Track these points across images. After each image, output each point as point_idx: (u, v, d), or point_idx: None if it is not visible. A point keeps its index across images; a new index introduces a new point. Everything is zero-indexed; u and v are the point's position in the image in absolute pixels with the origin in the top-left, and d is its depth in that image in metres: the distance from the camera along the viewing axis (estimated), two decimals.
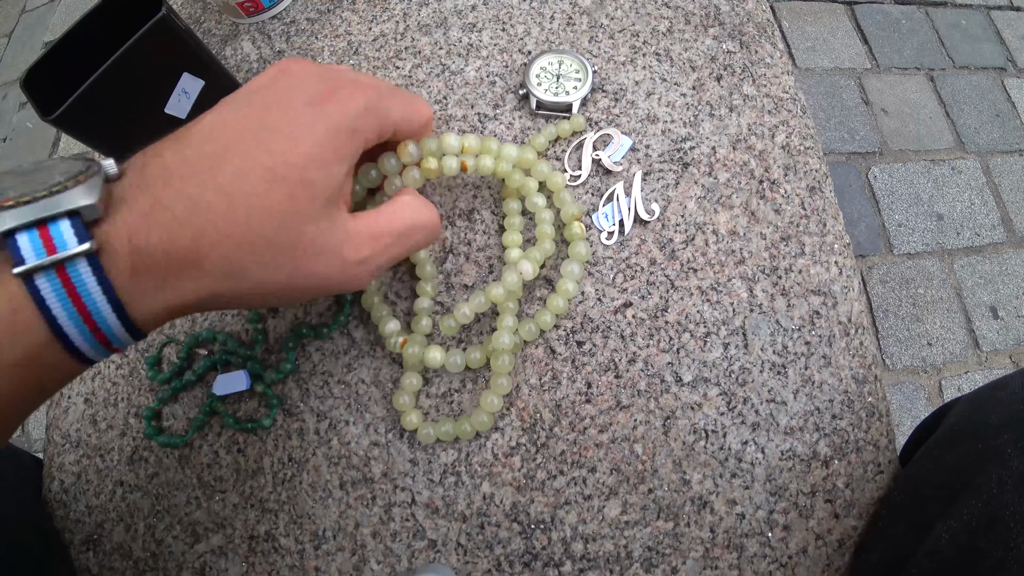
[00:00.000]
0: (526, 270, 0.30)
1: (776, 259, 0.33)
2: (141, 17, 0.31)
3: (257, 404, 0.32)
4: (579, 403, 0.31)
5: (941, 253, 1.07)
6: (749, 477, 0.30)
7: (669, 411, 0.31)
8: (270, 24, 0.43)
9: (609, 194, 0.33)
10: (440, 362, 0.30)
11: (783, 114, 0.36)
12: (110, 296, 0.19)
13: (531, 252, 0.31)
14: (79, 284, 0.19)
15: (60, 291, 0.19)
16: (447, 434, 0.30)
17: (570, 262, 0.31)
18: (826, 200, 0.35)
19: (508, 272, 0.30)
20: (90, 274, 0.19)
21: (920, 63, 1.28)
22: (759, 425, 0.31)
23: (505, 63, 0.38)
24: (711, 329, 0.32)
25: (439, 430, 0.30)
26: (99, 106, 0.31)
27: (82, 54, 0.32)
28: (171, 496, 0.32)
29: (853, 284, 0.33)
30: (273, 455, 0.31)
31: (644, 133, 0.35)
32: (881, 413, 0.32)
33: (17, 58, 1.50)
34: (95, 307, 0.19)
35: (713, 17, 0.39)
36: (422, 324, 0.31)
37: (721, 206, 0.34)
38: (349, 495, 0.30)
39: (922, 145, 1.17)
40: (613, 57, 0.38)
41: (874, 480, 0.31)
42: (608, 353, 0.31)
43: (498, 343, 0.29)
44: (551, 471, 0.30)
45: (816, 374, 0.32)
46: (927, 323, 1.01)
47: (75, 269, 0.19)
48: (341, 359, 0.32)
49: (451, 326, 0.30)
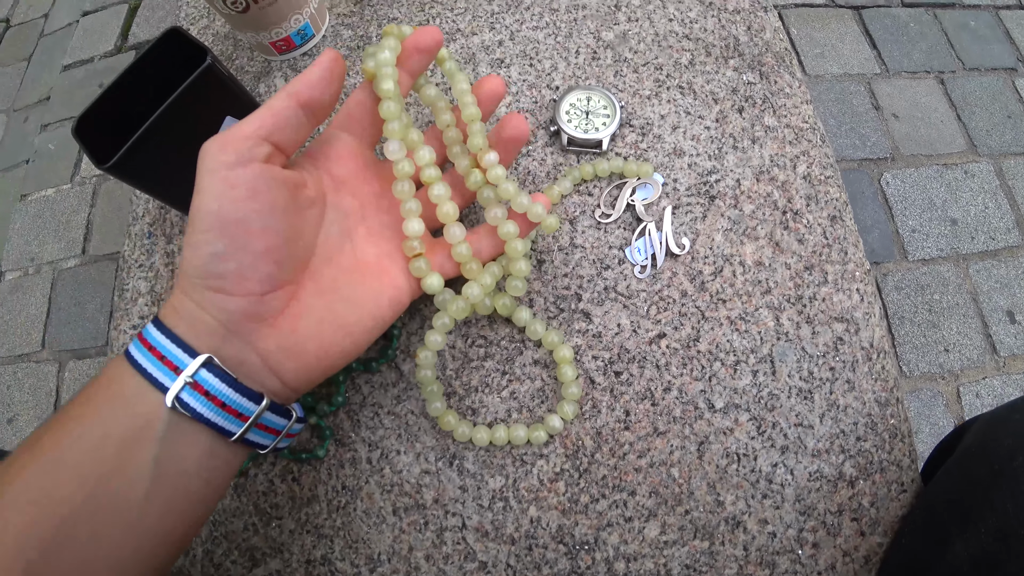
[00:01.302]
0: (474, 294, 0.30)
1: (800, 288, 0.34)
2: (182, 61, 0.33)
3: (310, 435, 0.34)
4: (618, 430, 0.32)
5: (956, 258, 1.07)
6: (779, 498, 0.32)
7: (703, 436, 0.32)
8: (301, 61, 0.45)
9: (641, 229, 0.35)
10: (460, 429, 0.32)
11: (803, 144, 0.38)
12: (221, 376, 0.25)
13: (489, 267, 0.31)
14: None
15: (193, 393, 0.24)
16: (519, 439, 0.31)
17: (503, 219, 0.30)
18: (847, 228, 0.36)
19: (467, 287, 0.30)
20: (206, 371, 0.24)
21: (930, 66, 1.28)
22: (788, 448, 0.32)
23: (534, 99, 0.40)
24: (740, 357, 0.33)
25: (512, 434, 0.31)
26: (148, 152, 0.32)
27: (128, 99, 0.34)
28: (228, 523, 0.34)
29: (874, 310, 0.35)
30: (327, 483, 0.33)
31: (671, 167, 0.37)
32: (903, 434, 0.33)
33: (37, 81, 1.53)
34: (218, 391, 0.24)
35: (732, 48, 0.41)
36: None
37: (747, 238, 0.35)
38: (402, 520, 0.32)
39: (934, 149, 1.18)
40: (638, 91, 0.39)
41: (898, 499, 0.32)
42: (644, 382, 0.33)
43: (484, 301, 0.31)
44: (594, 495, 0.31)
45: (841, 398, 0.33)
46: (943, 329, 1.02)
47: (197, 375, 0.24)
48: (390, 391, 0.34)
49: (427, 358, 0.31)
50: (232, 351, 0.25)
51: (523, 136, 0.31)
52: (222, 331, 0.24)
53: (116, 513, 0.22)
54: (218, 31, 0.48)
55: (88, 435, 0.23)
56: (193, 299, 0.24)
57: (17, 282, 1.30)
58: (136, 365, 0.24)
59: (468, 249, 0.30)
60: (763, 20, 0.42)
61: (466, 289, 0.30)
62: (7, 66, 1.60)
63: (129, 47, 1.49)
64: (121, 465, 0.23)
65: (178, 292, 0.25)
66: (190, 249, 0.24)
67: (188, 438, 0.24)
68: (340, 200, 0.29)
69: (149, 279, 0.39)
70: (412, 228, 0.29)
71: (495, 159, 0.29)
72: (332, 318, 0.27)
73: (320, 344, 0.27)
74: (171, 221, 0.41)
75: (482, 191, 0.30)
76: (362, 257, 0.29)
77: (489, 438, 0.31)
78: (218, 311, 0.24)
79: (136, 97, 0.34)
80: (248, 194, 0.24)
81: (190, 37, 0.34)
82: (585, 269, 0.35)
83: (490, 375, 0.33)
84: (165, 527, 0.24)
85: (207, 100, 0.34)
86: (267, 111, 0.25)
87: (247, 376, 0.25)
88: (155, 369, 0.23)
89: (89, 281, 1.25)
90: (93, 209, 1.33)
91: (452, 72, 0.31)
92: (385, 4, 0.45)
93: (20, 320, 1.26)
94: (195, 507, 0.25)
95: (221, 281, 0.24)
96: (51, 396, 1.17)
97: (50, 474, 0.22)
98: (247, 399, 0.24)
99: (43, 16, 1.65)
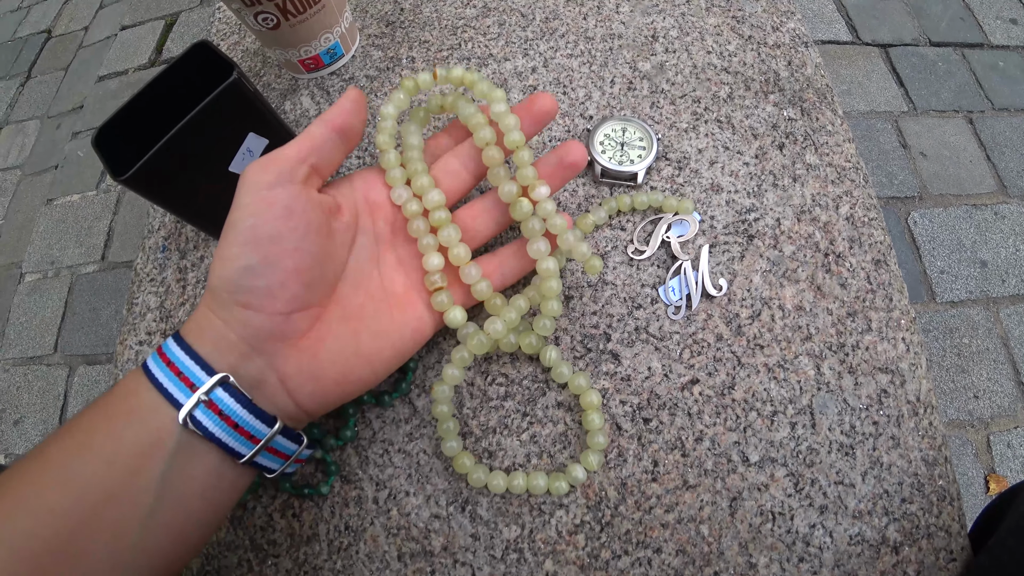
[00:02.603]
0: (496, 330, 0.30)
1: (843, 335, 0.32)
2: (210, 75, 0.32)
3: (314, 469, 0.32)
4: (645, 481, 0.30)
5: (986, 301, 1.04)
6: (817, 562, 0.29)
7: (736, 492, 0.30)
8: (329, 80, 0.45)
9: (676, 268, 0.33)
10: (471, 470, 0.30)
11: (846, 184, 0.36)
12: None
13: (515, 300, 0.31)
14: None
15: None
16: (538, 488, 0.29)
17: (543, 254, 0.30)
18: (892, 274, 0.34)
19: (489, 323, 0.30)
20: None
21: (958, 105, 1.26)
22: (827, 508, 0.30)
23: (567, 128, 0.38)
24: (778, 408, 0.31)
25: (531, 482, 0.29)
26: (168, 166, 0.32)
27: (152, 111, 0.33)
28: (222, 557, 0.32)
29: (921, 361, 0.33)
30: (329, 522, 0.31)
31: (708, 203, 0.35)
32: (952, 497, 0.31)
33: (72, 90, 1.57)
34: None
35: (773, 83, 0.39)
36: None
37: (787, 280, 0.33)
38: (407, 567, 0.30)
39: (963, 189, 1.15)
40: (675, 124, 0.38)
41: (946, 568, 0.29)
42: (675, 431, 0.31)
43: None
44: (616, 551, 0.29)
45: (885, 455, 0.31)
46: (973, 375, 0.98)
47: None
48: (402, 428, 0.32)
49: (444, 393, 0.30)
50: (252, 370, 0.25)
51: (581, 166, 0.30)
52: (244, 348, 0.25)
53: (116, 530, 0.22)
54: (248, 48, 0.48)
55: (99, 449, 0.23)
56: (220, 316, 0.25)
57: (36, 284, 1.31)
58: (153, 379, 0.24)
59: (489, 287, 0.30)
60: (804, 55, 0.41)
61: (488, 324, 0.30)
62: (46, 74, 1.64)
63: (163, 61, 1.52)
64: (128, 481, 0.22)
65: (204, 309, 0.25)
66: (221, 262, 0.25)
67: (197, 457, 0.24)
68: (373, 224, 0.30)
69: (159, 294, 0.38)
70: (431, 263, 0.29)
71: (546, 193, 0.29)
72: (355, 345, 0.27)
73: (340, 370, 0.27)
74: (186, 236, 0.40)
75: (529, 222, 0.30)
76: (389, 286, 0.29)
77: (506, 485, 0.29)
78: (243, 327, 0.24)
79: (162, 110, 0.33)
80: (284, 213, 0.25)
81: (218, 51, 0.33)
82: (615, 308, 0.33)
83: (510, 416, 0.32)
84: (163, 547, 0.23)
85: (231, 116, 0.33)
86: (306, 137, 0.27)
87: (263, 397, 0.25)
88: (171, 384, 0.23)
89: (106, 288, 1.26)
90: (115, 217, 1.34)
91: (486, 93, 0.30)
92: (417, 26, 0.45)
93: (35, 322, 1.26)
94: (195, 529, 0.25)
95: (250, 296, 0.24)
96: (59, 400, 1.17)
97: (55, 487, 0.22)
98: (260, 421, 0.24)
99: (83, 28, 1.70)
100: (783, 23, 0.42)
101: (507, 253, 0.31)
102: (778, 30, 0.42)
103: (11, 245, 1.37)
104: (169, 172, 0.32)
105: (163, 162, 0.31)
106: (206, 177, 0.34)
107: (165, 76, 0.34)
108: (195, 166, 0.33)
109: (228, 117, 0.33)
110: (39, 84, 1.62)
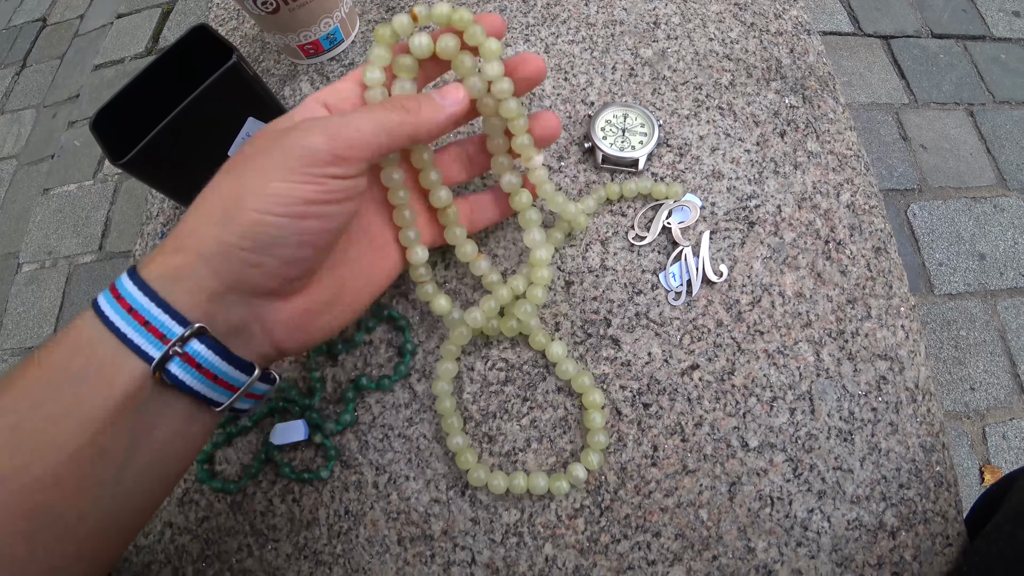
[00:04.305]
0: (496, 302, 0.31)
1: (842, 322, 0.32)
2: (210, 59, 0.32)
3: (314, 454, 0.32)
4: (645, 466, 0.30)
5: (984, 294, 1.04)
6: (815, 547, 0.29)
7: (735, 476, 0.30)
8: (328, 65, 0.44)
9: (677, 253, 0.33)
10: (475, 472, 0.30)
11: (847, 172, 0.36)
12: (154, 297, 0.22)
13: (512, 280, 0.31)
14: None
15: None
16: (539, 488, 0.29)
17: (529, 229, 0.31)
18: (892, 261, 0.34)
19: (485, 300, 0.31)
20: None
21: (959, 98, 1.26)
22: (825, 493, 0.30)
23: (568, 114, 0.38)
24: (777, 394, 0.31)
25: (532, 483, 0.29)
26: (167, 151, 0.31)
27: (150, 96, 0.33)
28: (222, 542, 0.32)
29: (919, 349, 0.33)
30: (329, 507, 0.31)
31: (709, 190, 0.35)
32: (949, 483, 0.31)
33: (68, 79, 1.56)
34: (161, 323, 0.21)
35: (775, 70, 0.39)
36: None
37: (787, 267, 0.33)
38: (407, 551, 0.30)
39: (963, 182, 1.15)
40: (677, 110, 0.38)
41: (943, 553, 0.30)
42: (674, 416, 0.31)
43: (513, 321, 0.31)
44: (615, 535, 0.29)
45: (883, 441, 0.31)
46: (970, 367, 0.98)
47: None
48: (402, 412, 0.32)
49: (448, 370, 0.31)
50: (234, 317, 0.23)
51: (554, 136, 0.31)
52: (233, 297, 0.23)
53: (88, 491, 0.21)
54: (246, 33, 0.48)
55: (63, 413, 0.20)
56: (213, 266, 0.22)
57: (33, 274, 1.30)
58: (114, 328, 0.21)
59: (488, 264, 0.31)
60: (806, 43, 0.41)
61: (467, 314, 0.31)
62: (41, 63, 1.63)
63: (160, 49, 1.51)
64: (97, 442, 0.20)
65: (192, 255, 0.22)
66: (251, 215, 0.22)
67: (169, 408, 0.22)
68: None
69: None
70: (416, 256, 0.30)
71: (540, 162, 0.30)
72: (340, 292, 0.27)
73: (327, 318, 0.27)
74: None
75: (518, 195, 0.31)
76: (367, 227, 0.29)
77: (506, 485, 0.29)
78: (241, 283, 0.23)
79: (161, 95, 0.33)
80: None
81: (217, 35, 0.33)
82: (616, 293, 0.33)
83: (510, 400, 0.32)
84: (134, 504, 0.23)
85: (230, 100, 0.33)
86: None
87: (241, 344, 0.24)
88: (137, 335, 0.21)
89: (104, 278, 1.26)
90: (113, 206, 1.34)
91: (481, 43, 0.27)
92: None
93: (33, 313, 1.26)
94: (165, 481, 0.24)
95: (269, 260, 0.23)
96: None
97: (12, 446, 0.20)
98: (238, 370, 0.23)
99: (79, 17, 1.69)
100: (785, 10, 0.42)
101: (488, 198, 0.33)
102: (780, 17, 0.42)
103: (8, 235, 1.37)
104: (168, 156, 0.32)
105: (162, 146, 0.31)
106: (205, 161, 0.34)
107: (163, 60, 0.34)
108: (194, 150, 0.33)
109: (228, 101, 0.33)
110: (34, 73, 1.61)
